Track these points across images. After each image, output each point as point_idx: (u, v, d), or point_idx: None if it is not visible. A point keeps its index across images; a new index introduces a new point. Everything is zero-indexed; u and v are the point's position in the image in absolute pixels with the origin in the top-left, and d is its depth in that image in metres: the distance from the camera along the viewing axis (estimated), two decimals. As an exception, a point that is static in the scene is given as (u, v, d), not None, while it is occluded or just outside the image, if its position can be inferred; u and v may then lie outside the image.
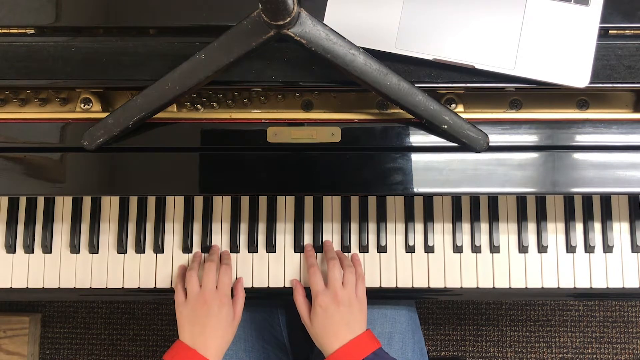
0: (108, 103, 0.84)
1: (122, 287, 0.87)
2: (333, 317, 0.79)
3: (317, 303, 0.80)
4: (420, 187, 0.77)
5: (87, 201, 0.89)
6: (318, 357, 0.93)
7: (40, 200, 0.89)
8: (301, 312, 0.83)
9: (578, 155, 0.77)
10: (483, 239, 0.87)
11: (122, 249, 0.88)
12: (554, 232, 0.87)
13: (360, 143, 0.77)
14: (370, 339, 0.79)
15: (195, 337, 0.78)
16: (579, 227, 0.87)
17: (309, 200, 0.89)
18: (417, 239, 0.88)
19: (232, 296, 0.84)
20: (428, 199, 0.88)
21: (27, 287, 0.88)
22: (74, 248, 0.88)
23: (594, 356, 1.54)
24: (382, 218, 0.88)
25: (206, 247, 0.88)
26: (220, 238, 0.88)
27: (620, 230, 0.87)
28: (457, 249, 0.87)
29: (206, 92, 0.83)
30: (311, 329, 0.81)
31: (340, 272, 0.82)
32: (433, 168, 0.77)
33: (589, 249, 0.87)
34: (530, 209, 0.88)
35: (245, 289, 0.86)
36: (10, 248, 0.88)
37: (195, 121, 0.79)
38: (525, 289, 0.87)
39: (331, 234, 0.88)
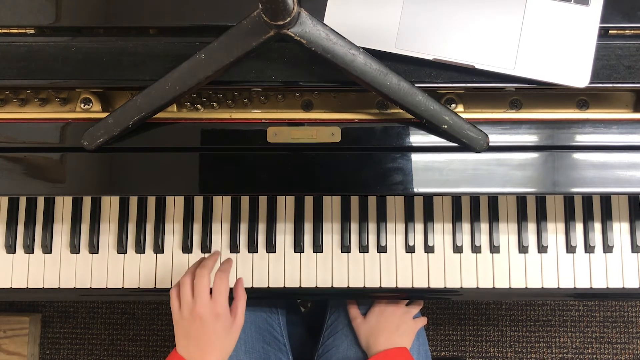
0: (108, 103, 0.84)
1: (122, 287, 0.87)
2: (388, 318, 0.87)
3: (376, 306, 0.89)
4: (420, 187, 0.77)
5: (87, 201, 0.89)
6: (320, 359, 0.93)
7: (40, 200, 0.89)
8: (351, 312, 0.91)
9: (578, 155, 0.77)
10: (483, 239, 0.87)
11: (122, 249, 0.88)
12: (554, 232, 0.87)
13: (360, 143, 0.77)
14: (408, 356, 0.84)
15: (191, 351, 0.76)
16: (579, 227, 0.87)
17: (309, 200, 0.89)
18: (417, 239, 0.88)
19: (233, 298, 0.83)
20: (428, 199, 0.88)
21: (27, 287, 0.88)
22: (74, 248, 0.88)
23: (594, 356, 1.54)
24: (382, 218, 0.88)
25: (206, 247, 0.88)
26: (220, 238, 0.88)
27: (620, 230, 0.87)
28: (457, 249, 0.87)
29: (206, 92, 0.83)
30: (363, 325, 0.88)
31: None
32: (433, 168, 0.77)
33: (589, 249, 0.87)
34: (530, 209, 0.88)
35: (245, 289, 0.84)
36: (10, 248, 0.88)
37: (195, 121, 0.79)
38: (525, 289, 0.87)
39: (331, 234, 0.88)
